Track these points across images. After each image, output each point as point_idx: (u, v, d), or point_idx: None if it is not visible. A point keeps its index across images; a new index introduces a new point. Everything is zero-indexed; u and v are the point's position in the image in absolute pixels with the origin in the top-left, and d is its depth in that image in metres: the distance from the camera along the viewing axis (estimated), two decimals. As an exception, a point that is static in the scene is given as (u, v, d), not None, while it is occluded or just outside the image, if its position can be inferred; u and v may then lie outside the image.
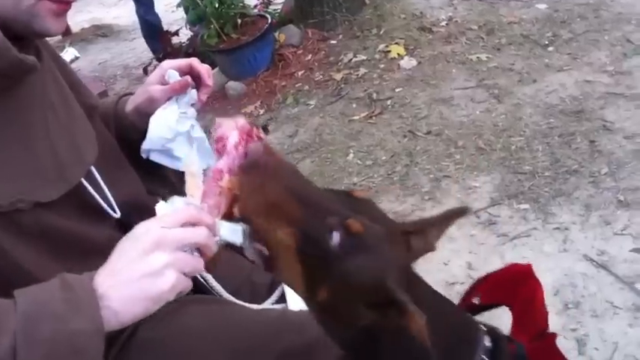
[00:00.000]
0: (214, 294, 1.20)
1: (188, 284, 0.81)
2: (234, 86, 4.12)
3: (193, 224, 0.82)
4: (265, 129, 1.04)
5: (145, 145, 1.15)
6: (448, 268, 2.26)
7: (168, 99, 1.16)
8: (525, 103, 3.14)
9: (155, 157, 1.18)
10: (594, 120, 2.86)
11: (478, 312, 1.19)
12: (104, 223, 1.08)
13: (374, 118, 3.41)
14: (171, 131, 1.15)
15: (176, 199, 0.90)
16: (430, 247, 0.95)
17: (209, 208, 0.89)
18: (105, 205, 1.08)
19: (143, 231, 0.81)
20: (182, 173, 1.18)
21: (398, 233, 0.91)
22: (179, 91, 1.16)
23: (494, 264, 2.23)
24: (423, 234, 0.94)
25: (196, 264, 0.82)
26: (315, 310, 0.89)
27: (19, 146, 0.93)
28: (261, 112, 3.86)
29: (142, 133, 1.15)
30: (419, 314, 0.77)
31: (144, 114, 1.17)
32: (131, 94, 1.27)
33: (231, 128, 0.94)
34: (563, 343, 1.85)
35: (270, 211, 0.82)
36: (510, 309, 1.15)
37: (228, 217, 0.89)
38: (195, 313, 1.12)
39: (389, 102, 3.51)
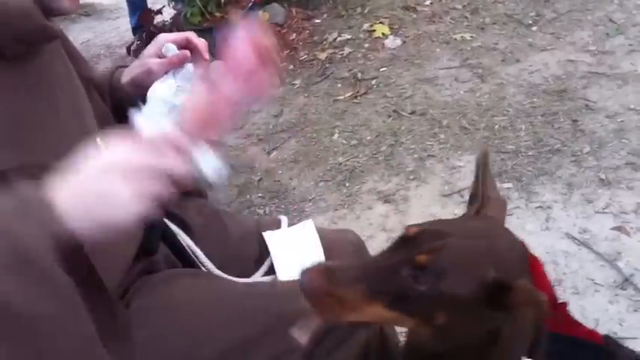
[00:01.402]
0: (203, 269, 1.22)
1: (151, 210, 0.76)
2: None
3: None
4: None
5: (141, 117, 1.15)
6: (432, 246, 2.28)
7: (166, 72, 1.17)
8: (509, 83, 3.16)
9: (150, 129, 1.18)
10: (577, 99, 2.89)
11: None
12: None
13: (359, 97, 3.42)
14: (168, 105, 1.15)
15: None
16: (501, 201, 0.96)
17: (193, 130, 0.85)
18: None
19: (109, 157, 0.77)
20: None
21: (470, 221, 0.92)
22: (177, 65, 1.16)
23: (478, 242, 2.26)
24: (485, 195, 0.94)
25: (166, 190, 0.77)
26: (433, 335, 0.88)
27: (28, 111, 0.93)
28: (246, 91, 3.85)
29: (137, 105, 1.15)
30: (536, 293, 0.78)
31: (140, 86, 1.18)
32: (126, 66, 1.27)
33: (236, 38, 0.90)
34: (545, 320, 1.89)
35: (353, 306, 0.82)
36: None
37: (218, 144, 0.87)
38: (185, 286, 1.14)
39: (374, 82, 3.51)
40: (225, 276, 1.21)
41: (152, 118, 1.15)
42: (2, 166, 0.88)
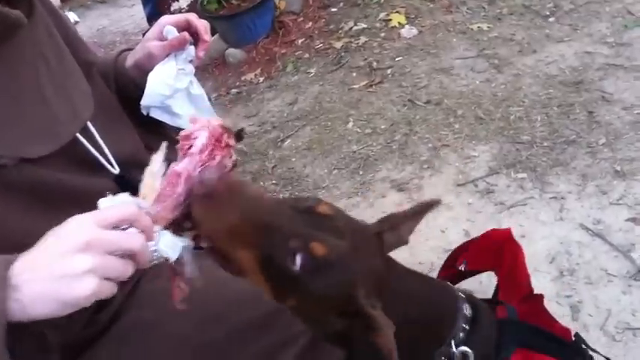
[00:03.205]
0: None
1: (111, 290, 0.76)
2: (233, 53, 4.11)
3: (132, 224, 0.79)
4: (240, 135, 1.02)
5: (144, 102, 1.15)
6: (445, 235, 2.29)
7: (167, 55, 1.16)
8: (525, 74, 3.14)
9: (155, 114, 1.18)
10: (593, 91, 2.87)
11: (461, 279, 1.23)
12: (102, 179, 1.08)
13: (374, 86, 3.41)
14: (170, 88, 1.15)
15: (124, 197, 0.84)
16: (402, 241, 0.99)
17: (158, 214, 0.85)
18: (103, 161, 1.08)
19: (75, 227, 0.76)
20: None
21: (369, 237, 0.94)
22: (177, 48, 1.16)
23: (491, 232, 2.26)
24: (396, 229, 0.97)
25: (124, 270, 0.76)
26: (289, 311, 0.92)
27: (5, 101, 0.92)
28: (261, 79, 3.86)
29: (142, 89, 1.15)
30: (386, 326, 0.80)
31: (143, 70, 1.18)
32: (130, 49, 1.27)
33: (202, 128, 0.91)
34: (557, 309, 1.89)
35: (231, 238, 0.83)
36: (496, 273, 1.17)
37: (177, 226, 0.87)
38: None
39: (389, 71, 3.50)
40: None
41: (153, 103, 1.16)
42: None
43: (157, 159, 0.91)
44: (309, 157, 3.00)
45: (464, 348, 0.95)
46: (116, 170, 1.10)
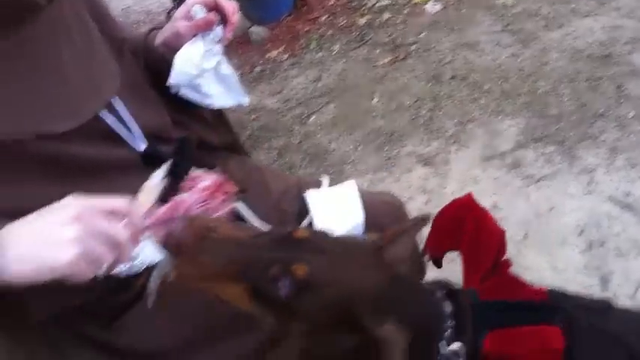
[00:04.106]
0: (245, 221, 1.23)
1: (86, 272, 0.78)
2: (257, 31, 4.11)
3: (122, 217, 0.81)
4: (243, 190, 1.06)
5: (172, 80, 1.16)
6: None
7: (194, 35, 1.17)
8: (551, 48, 3.11)
9: (185, 93, 1.19)
10: (621, 65, 2.84)
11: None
12: (124, 153, 1.09)
13: (398, 63, 3.40)
14: (197, 68, 1.15)
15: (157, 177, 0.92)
16: (402, 259, 0.95)
17: (149, 227, 0.88)
18: (128, 136, 1.09)
19: (69, 203, 0.79)
20: (213, 110, 1.20)
21: (362, 252, 0.92)
22: (204, 28, 1.16)
23: (519, 205, 2.26)
24: (395, 244, 0.94)
25: (104, 255, 0.79)
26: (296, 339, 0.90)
27: (24, 80, 0.92)
28: (285, 57, 3.86)
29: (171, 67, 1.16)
30: (394, 342, 0.79)
31: (171, 49, 1.18)
32: (160, 28, 1.27)
33: (209, 175, 0.98)
34: (586, 281, 1.89)
35: (215, 280, 0.84)
36: (460, 253, 1.14)
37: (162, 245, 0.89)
38: None
39: (413, 47, 3.49)
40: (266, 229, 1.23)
41: (181, 82, 1.17)
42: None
43: (157, 175, 0.96)
44: (334, 133, 3.00)
45: (454, 345, 0.92)
46: (142, 146, 1.11)
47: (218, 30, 1.18)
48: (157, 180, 0.94)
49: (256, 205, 1.26)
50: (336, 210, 1.29)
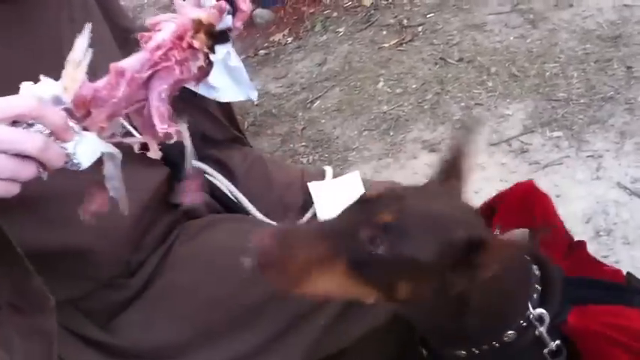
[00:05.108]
0: (247, 214, 1.22)
1: (7, 190, 0.67)
2: (261, 14, 4.05)
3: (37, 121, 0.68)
4: (225, 36, 0.91)
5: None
6: (479, 196, 2.22)
7: None
8: (561, 29, 3.04)
9: (190, 84, 1.17)
10: (632, 45, 2.77)
11: None
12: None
13: (404, 45, 3.34)
14: None
15: (47, 84, 0.71)
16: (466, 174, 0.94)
17: (90, 120, 0.72)
18: (127, 124, 1.07)
19: None
20: (220, 103, 1.14)
21: (435, 188, 0.91)
22: None
23: (526, 192, 2.22)
24: (457, 168, 0.94)
25: (18, 170, 0.66)
26: (401, 307, 0.88)
27: (23, 60, 0.90)
28: (289, 40, 3.81)
29: None
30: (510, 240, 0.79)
31: None
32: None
33: (172, 20, 0.77)
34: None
35: (310, 269, 0.80)
36: (531, 230, 1.14)
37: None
38: (225, 229, 1.14)
39: (420, 28, 3.43)
40: (268, 221, 1.21)
41: None
42: None
43: (80, 44, 0.75)
44: (338, 118, 2.97)
45: (540, 310, 0.91)
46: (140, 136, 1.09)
47: (228, 19, 1.13)
48: (80, 51, 0.74)
49: (260, 198, 1.25)
50: (340, 201, 1.26)
